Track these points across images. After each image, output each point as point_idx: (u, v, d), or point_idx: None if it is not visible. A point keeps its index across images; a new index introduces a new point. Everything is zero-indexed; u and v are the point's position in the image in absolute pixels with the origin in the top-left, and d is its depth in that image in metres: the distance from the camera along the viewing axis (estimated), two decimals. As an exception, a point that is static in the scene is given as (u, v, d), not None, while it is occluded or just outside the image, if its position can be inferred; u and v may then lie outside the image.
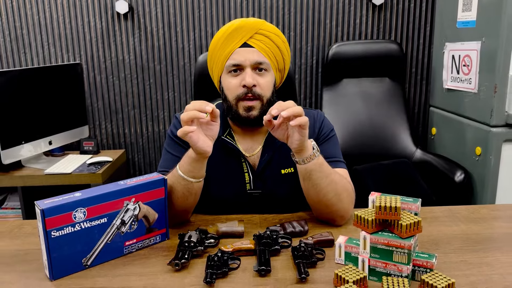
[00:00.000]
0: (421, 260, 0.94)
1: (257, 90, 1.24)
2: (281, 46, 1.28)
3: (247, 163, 1.31)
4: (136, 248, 1.10)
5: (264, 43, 1.25)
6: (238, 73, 1.25)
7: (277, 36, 1.27)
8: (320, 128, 1.35)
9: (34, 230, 1.24)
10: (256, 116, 1.25)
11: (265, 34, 1.25)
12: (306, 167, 1.15)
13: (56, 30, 2.56)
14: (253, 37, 1.24)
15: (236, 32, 1.24)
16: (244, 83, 1.22)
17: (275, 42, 1.26)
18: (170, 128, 1.35)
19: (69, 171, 2.19)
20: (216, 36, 1.29)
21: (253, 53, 1.24)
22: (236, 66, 1.24)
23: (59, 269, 0.98)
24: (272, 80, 1.28)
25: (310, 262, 0.99)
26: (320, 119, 1.37)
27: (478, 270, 0.98)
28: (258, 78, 1.25)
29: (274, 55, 1.27)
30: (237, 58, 1.24)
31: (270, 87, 1.27)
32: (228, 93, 1.27)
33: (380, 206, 0.91)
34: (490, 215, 1.28)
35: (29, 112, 2.26)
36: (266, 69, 1.26)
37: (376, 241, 0.93)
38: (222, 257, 1.00)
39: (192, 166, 1.14)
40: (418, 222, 0.92)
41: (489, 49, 1.94)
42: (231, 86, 1.26)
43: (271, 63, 1.27)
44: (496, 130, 1.93)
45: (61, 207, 0.96)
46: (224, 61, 1.26)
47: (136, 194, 1.08)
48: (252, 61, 1.23)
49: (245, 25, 1.24)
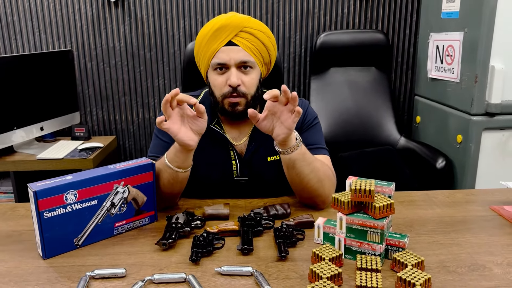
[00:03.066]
0: (393, 240, 1.00)
1: (241, 89, 1.27)
2: (267, 42, 1.30)
3: (234, 151, 1.36)
4: (126, 229, 1.15)
5: (249, 40, 1.26)
6: (223, 71, 1.28)
7: (262, 32, 1.29)
8: (305, 116, 1.40)
9: (27, 212, 1.28)
10: (242, 111, 1.29)
11: (250, 32, 1.26)
12: (290, 157, 1.19)
13: (47, 17, 2.57)
14: (238, 35, 1.25)
15: (221, 31, 1.25)
16: (229, 83, 1.25)
17: (260, 39, 1.28)
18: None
19: (61, 157, 2.23)
20: (201, 32, 1.30)
21: (238, 52, 1.25)
22: (221, 64, 1.27)
23: (52, 248, 1.03)
24: (257, 77, 1.31)
25: (290, 242, 1.05)
26: (304, 108, 1.42)
27: (448, 250, 1.04)
28: (243, 77, 1.27)
29: (260, 51, 1.29)
30: (222, 57, 1.25)
31: (255, 84, 1.30)
32: (214, 89, 1.31)
33: (356, 189, 0.97)
34: (465, 199, 1.34)
35: (21, 98, 2.28)
36: (252, 67, 1.28)
37: (351, 221, 0.98)
38: (207, 237, 1.05)
39: (177, 156, 1.17)
40: (391, 204, 0.98)
41: (471, 40, 1.99)
42: (217, 84, 1.29)
43: (256, 60, 1.29)
44: (477, 119, 2.00)
45: (53, 189, 1.01)
46: (210, 58, 1.28)
47: (126, 177, 1.12)
48: (237, 60, 1.25)
49: (230, 23, 1.25)
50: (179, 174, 1.19)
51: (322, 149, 1.36)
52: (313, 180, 1.22)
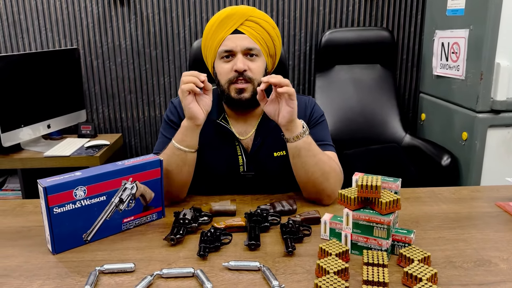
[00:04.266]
0: (400, 236, 1.01)
1: (248, 74, 1.29)
2: (271, 32, 1.32)
3: (240, 146, 1.37)
4: (134, 225, 1.16)
5: (255, 29, 1.29)
6: (230, 59, 1.30)
7: (267, 22, 1.31)
8: (311, 113, 1.41)
9: (35, 208, 1.30)
10: (248, 98, 1.31)
11: (255, 21, 1.29)
12: (296, 145, 1.22)
13: (53, 15, 2.58)
14: (244, 24, 1.28)
15: (227, 20, 1.28)
16: (235, 68, 1.28)
17: (265, 28, 1.31)
18: (166, 113, 1.41)
19: (68, 154, 2.24)
20: (208, 24, 1.33)
21: (244, 39, 1.28)
22: (228, 52, 1.29)
23: (61, 243, 1.04)
24: (263, 65, 1.33)
25: (297, 238, 1.06)
26: (311, 105, 1.43)
27: (453, 246, 1.05)
28: (249, 63, 1.29)
29: (265, 41, 1.31)
30: (229, 45, 1.28)
31: (261, 71, 1.32)
32: (221, 77, 1.32)
33: (362, 185, 0.98)
34: (470, 196, 1.35)
35: (28, 96, 2.30)
36: (257, 55, 1.31)
37: (358, 217, 0.99)
38: (215, 233, 1.06)
39: (185, 134, 1.22)
40: (397, 200, 0.98)
41: (476, 37, 1.99)
42: (224, 71, 1.31)
43: (262, 49, 1.31)
44: (482, 116, 1.99)
45: (62, 185, 1.02)
46: (217, 47, 1.30)
47: (134, 174, 1.13)
48: (243, 47, 1.28)
49: (236, 12, 1.28)
50: (187, 155, 1.23)
51: (328, 145, 1.38)
52: (317, 173, 1.24)
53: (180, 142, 1.23)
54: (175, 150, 1.23)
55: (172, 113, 1.39)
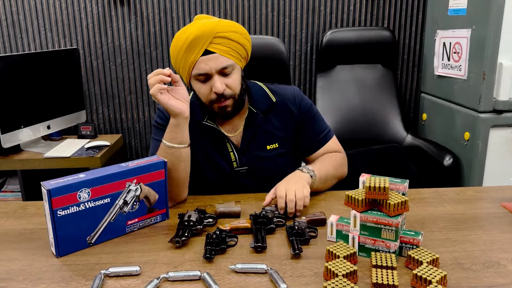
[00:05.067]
0: (407, 237, 1.00)
1: (227, 92, 1.28)
2: (241, 41, 1.29)
3: (230, 143, 1.38)
4: (138, 227, 1.16)
5: (224, 44, 1.25)
6: (206, 81, 1.28)
7: (235, 33, 1.27)
8: (301, 107, 1.42)
9: (38, 210, 1.28)
10: (231, 111, 1.32)
11: (223, 36, 1.25)
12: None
13: (52, 15, 2.57)
14: (213, 42, 1.24)
15: (195, 42, 1.23)
16: (215, 90, 1.26)
17: (235, 39, 1.27)
18: (155, 119, 1.43)
19: (68, 155, 2.23)
20: (175, 45, 1.27)
21: (216, 59, 1.24)
22: (203, 75, 1.27)
23: (65, 246, 1.03)
24: (239, 75, 1.32)
25: (303, 240, 1.05)
26: (299, 97, 1.44)
27: (461, 247, 1.04)
28: (226, 80, 1.28)
29: (237, 51, 1.28)
30: (202, 68, 1.25)
31: (238, 82, 1.31)
32: (201, 96, 1.32)
33: (370, 187, 0.97)
34: (475, 197, 1.35)
35: (28, 97, 2.28)
36: (232, 69, 1.28)
37: (365, 219, 0.98)
38: (220, 235, 1.05)
39: (174, 131, 1.22)
40: (405, 201, 0.98)
41: (478, 37, 1.98)
42: (202, 92, 1.30)
43: (235, 60, 1.28)
44: (484, 116, 1.99)
45: (66, 187, 1.01)
46: (190, 70, 1.27)
47: (138, 175, 1.12)
48: (217, 67, 1.25)
49: (202, 33, 1.23)
50: (182, 151, 1.23)
51: (328, 133, 1.45)
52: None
53: (171, 140, 1.23)
54: (168, 149, 1.23)
55: (160, 118, 1.40)
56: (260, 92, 1.41)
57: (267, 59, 1.86)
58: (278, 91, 1.43)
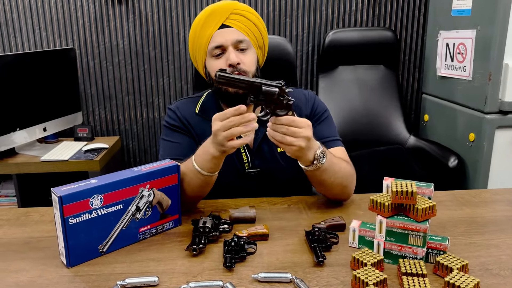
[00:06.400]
0: (434, 243, 0.97)
1: (241, 67, 1.27)
2: (257, 23, 1.32)
3: None
4: (150, 234, 1.11)
5: (241, 22, 1.28)
6: (221, 55, 1.28)
7: (251, 13, 1.31)
8: (313, 108, 1.39)
9: (42, 217, 1.23)
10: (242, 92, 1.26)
11: (240, 13, 1.28)
12: (311, 173, 1.19)
13: (48, 14, 2.50)
14: (229, 18, 1.27)
15: (212, 16, 1.27)
16: (229, 62, 1.25)
17: (251, 19, 1.30)
18: (166, 120, 1.38)
19: (66, 158, 2.16)
20: (193, 24, 1.32)
21: (232, 32, 1.27)
22: (219, 47, 1.27)
23: (76, 256, 0.98)
24: (254, 57, 1.32)
25: (325, 246, 1.01)
26: (312, 99, 1.41)
27: (486, 252, 1.01)
28: (242, 56, 1.28)
29: (253, 32, 1.30)
30: (218, 40, 1.26)
31: (254, 63, 1.31)
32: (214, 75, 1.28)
33: (397, 191, 0.94)
34: (491, 199, 1.33)
35: (22, 98, 2.22)
36: (247, 47, 1.29)
37: (392, 224, 0.95)
38: (238, 242, 1.01)
39: (213, 163, 1.13)
40: (433, 206, 0.95)
41: (484, 38, 1.97)
42: (216, 67, 1.26)
43: (251, 40, 1.30)
44: (490, 117, 1.98)
45: (78, 194, 0.96)
46: (206, 46, 1.28)
47: (151, 180, 1.08)
48: (233, 40, 1.27)
49: (219, 8, 1.28)
50: (212, 177, 1.17)
51: (336, 140, 1.37)
52: (337, 188, 1.24)
53: (207, 169, 1.14)
54: (199, 175, 1.15)
55: (172, 119, 1.36)
56: None
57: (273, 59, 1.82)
58: (292, 93, 1.39)
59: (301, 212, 1.24)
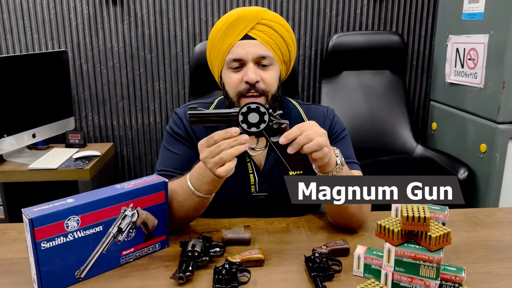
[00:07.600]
0: (449, 274, 0.87)
1: (260, 86, 1.15)
2: (286, 36, 1.18)
3: (252, 163, 1.22)
4: (134, 258, 1.02)
5: (267, 34, 1.15)
6: (239, 69, 1.16)
7: (280, 25, 1.17)
8: (331, 127, 1.27)
9: (20, 235, 1.14)
10: None
11: (267, 24, 1.15)
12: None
13: (39, 15, 2.43)
14: (255, 28, 1.14)
15: (236, 23, 1.14)
16: (246, 79, 1.13)
17: (279, 32, 1.16)
18: (170, 125, 1.26)
19: (55, 167, 2.08)
20: (215, 27, 1.19)
21: (255, 46, 1.14)
22: (237, 61, 1.15)
23: (50, 283, 0.89)
24: (276, 74, 1.19)
25: (327, 275, 0.91)
26: (330, 116, 1.30)
27: (506, 283, 0.92)
28: (262, 73, 1.15)
29: (279, 46, 1.17)
30: (238, 52, 1.14)
31: (275, 82, 1.18)
32: (229, 89, 1.18)
33: (408, 216, 0.84)
34: (507, 219, 1.23)
35: (11, 103, 2.14)
36: (270, 63, 1.16)
37: (401, 253, 0.85)
38: (230, 269, 0.92)
39: (213, 185, 1.03)
40: (448, 233, 0.85)
41: (497, 43, 1.87)
42: (232, 82, 1.16)
43: (276, 56, 1.17)
44: (503, 127, 1.88)
45: (51, 216, 0.87)
46: (224, 55, 1.16)
47: (135, 199, 0.98)
48: (255, 55, 1.14)
49: (246, 15, 1.15)
50: (209, 198, 1.07)
51: (354, 163, 1.25)
52: (352, 206, 1.10)
53: (204, 191, 1.04)
54: (195, 197, 1.05)
55: (177, 125, 1.25)
56: (294, 111, 1.27)
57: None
58: (312, 111, 1.29)
59: (301, 233, 1.14)
